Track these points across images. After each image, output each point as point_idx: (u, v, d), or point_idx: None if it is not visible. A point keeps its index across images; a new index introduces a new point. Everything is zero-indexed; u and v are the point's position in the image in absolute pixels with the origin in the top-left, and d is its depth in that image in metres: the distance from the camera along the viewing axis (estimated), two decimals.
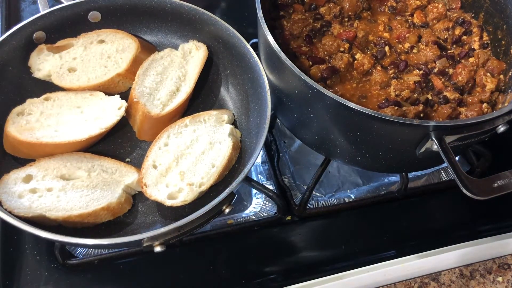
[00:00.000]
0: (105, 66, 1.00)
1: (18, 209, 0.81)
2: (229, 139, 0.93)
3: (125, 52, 1.02)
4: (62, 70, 0.99)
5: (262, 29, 0.89)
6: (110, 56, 1.01)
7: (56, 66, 0.99)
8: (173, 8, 1.04)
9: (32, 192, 0.84)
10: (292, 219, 1.03)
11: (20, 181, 0.85)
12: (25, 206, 0.82)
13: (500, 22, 1.02)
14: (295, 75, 0.82)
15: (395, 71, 0.98)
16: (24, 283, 0.90)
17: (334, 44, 0.99)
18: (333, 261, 0.98)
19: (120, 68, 1.00)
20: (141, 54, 1.02)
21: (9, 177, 0.85)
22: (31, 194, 0.84)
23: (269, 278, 0.95)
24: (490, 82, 0.96)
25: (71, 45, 1.02)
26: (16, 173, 0.86)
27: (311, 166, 1.13)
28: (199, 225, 0.80)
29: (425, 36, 1.04)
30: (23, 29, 0.96)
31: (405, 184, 1.06)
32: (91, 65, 1.01)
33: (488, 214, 1.07)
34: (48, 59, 0.99)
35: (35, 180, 0.86)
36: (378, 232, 1.03)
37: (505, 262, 1.00)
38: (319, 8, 1.07)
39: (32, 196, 0.84)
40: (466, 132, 0.79)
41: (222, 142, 0.93)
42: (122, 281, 0.92)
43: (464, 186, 0.76)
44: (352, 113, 0.79)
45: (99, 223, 0.86)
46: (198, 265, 0.95)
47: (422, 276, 0.97)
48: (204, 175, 0.88)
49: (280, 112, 1.03)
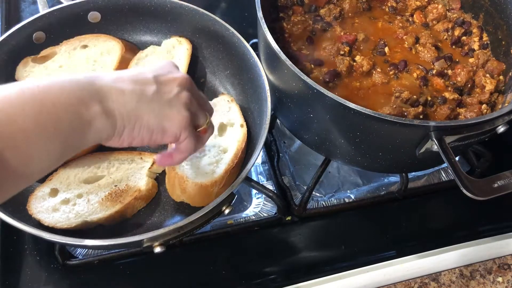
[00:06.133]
0: (93, 70, 0.99)
1: (59, 222, 0.81)
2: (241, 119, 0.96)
3: (110, 54, 1.01)
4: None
5: (262, 30, 0.89)
6: (96, 60, 1.00)
7: (43, 76, 0.97)
8: (173, 8, 1.04)
9: (64, 204, 0.85)
10: (292, 220, 1.03)
11: (48, 197, 0.85)
12: (65, 218, 0.82)
13: (500, 23, 1.02)
14: (295, 75, 0.82)
15: (395, 71, 0.98)
16: (24, 283, 0.89)
17: (334, 47, 0.99)
18: (333, 261, 0.98)
19: (108, 69, 0.99)
20: (126, 54, 1.02)
21: (36, 195, 0.85)
22: (64, 205, 0.84)
23: (269, 278, 0.95)
24: (489, 83, 0.96)
25: (55, 53, 1.01)
26: (40, 190, 0.86)
27: (311, 166, 1.13)
28: (199, 226, 0.80)
29: (423, 37, 1.04)
30: (23, 29, 0.96)
31: (405, 184, 1.06)
32: (79, 70, 1.00)
33: (488, 214, 1.07)
34: (34, 70, 0.98)
35: (61, 191, 0.86)
36: (378, 232, 1.03)
37: (505, 262, 1.00)
38: (319, 10, 1.07)
39: (66, 207, 0.84)
40: (466, 133, 0.79)
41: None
42: (122, 281, 0.92)
43: (464, 186, 0.76)
44: (352, 113, 0.79)
45: (135, 213, 0.88)
46: (198, 265, 0.95)
47: (422, 276, 0.97)
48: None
49: (280, 112, 1.03)
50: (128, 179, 0.89)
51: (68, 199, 0.85)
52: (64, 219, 0.82)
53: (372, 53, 1.01)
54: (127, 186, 0.88)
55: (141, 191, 0.87)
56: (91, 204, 0.85)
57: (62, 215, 0.83)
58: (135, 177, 0.89)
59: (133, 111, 0.63)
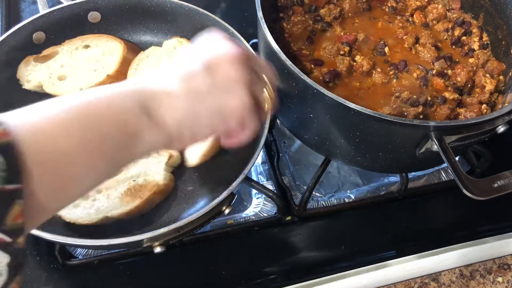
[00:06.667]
0: (95, 70, 1.00)
1: (81, 218, 0.81)
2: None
3: (112, 54, 1.01)
4: (52, 79, 0.98)
5: (262, 30, 0.89)
6: (98, 60, 1.01)
7: (45, 75, 0.98)
8: (173, 8, 1.04)
9: (84, 199, 0.84)
10: (292, 220, 1.03)
11: None
12: (86, 214, 0.82)
13: (500, 23, 1.02)
14: (295, 75, 0.82)
15: (395, 71, 0.98)
16: (23, 283, 0.89)
17: (334, 47, 0.99)
18: (333, 261, 0.98)
19: (110, 69, 0.99)
20: (128, 55, 1.02)
21: None
22: (84, 201, 0.84)
23: (269, 279, 0.95)
24: (489, 83, 0.96)
25: (57, 53, 1.01)
26: None
27: (311, 166, 1.13)
28: (199, 226, 0.80)
29: (423, 37, 1.04)
30: (23, 29, 0.96)
31: (405, 184, 1.06)
32: (80, 70, 1.00)
33: (488, 214, 1.07)
34: (35, 70, 0.98)
35: None
36: (378, 232, 1.03)
37: (505, 262, 1.00)
38: (319, 10, 1.07)
39: (86, 203, 0.84)
40: (466, 132, 0.79)
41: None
42: (122, 281, 0.92)
43: (464, 186, 0.76)
44: (352, 113, 0.79)
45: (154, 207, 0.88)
46: (198, 265, 0.95)
47: (422, 276, 0.97)
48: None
49: (280, 112, 1.03)
50: (146, 174, 0.88)
51: (88, 195, 0.84)
52: (85, 215, 0.82)
53: (372, 53, 1.01)
54: (146, 181, 0.87)
55: (159, 185, 0.87)
56: (111, 200, 0.84)
57: (83, 211, 0.82)
58: (153, 172, 0.89)
59: (188, 113, 0.57)
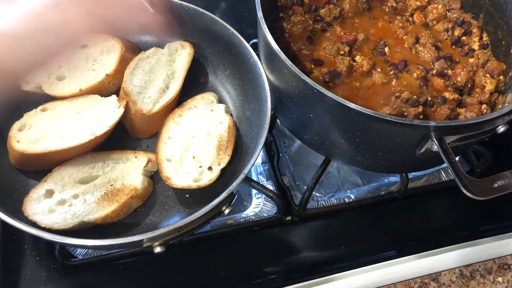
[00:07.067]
0: (93, 69, 1.00)
1: (56, 224, 0.81)
2: (227, 116, 0.98)
3: (110, 53, 1.01)
4: (51, 79, 0.98)
5: (262, 30, 0.89)
6: (96, 59, 1.00)
7: (43, 76, 0.98)
8: (173, 8, 1.04)
9: (60, 204, 0.84)
10: (292, 220, 1.03)
11: (43, 198, 0.84)
12: (61, 219, 0.82)
13: (500, 23, 1.02)
14: (295, 75, 0.82)
15: (395, 71, 0.98)
16: (24, 283, 0.90)
17: (334, 47, 0.99)
18: (333, 261, 0.98)
19: (108, 69, 0.99)
20: (126, 54, 1.02)
21: (31, 197, 0.84)
22: (60, 206, 0.84)
23: (269, 279, 0.95)
24: (489, 83, 0.96)
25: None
26: (35, 192, 0.85)
27: (311, 166, 1.13)
28: (199, 226, 0.80)
29: (423, 37, 1.04)
30: None
31: (405, 184, 1.06)
32: (79, 70, 0.99)
33: (488, 214, 1.07)
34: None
35: (57, 192, 0.85)
36: (378, 232, 1.03)
37: (505, 262, 1.00)
38: (319, 10, 1.07)
39: (62, 208, 0.84)
40: (466, 133, 0.79)
41: (223, 121, 0.97)
42: (122, 281, 0.93)
43: (464, 186, 0.76)
44: (352, 113, 0.79)
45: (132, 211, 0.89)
46: (198, 265, 0.95)
47: (422, 276, 0.97)
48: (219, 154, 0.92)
49: (280, 112, 1.03)
50: (124, 178, 0.89)
51: (64, 200, 0.85)
52: (61, 220, 0.82)
53: (372, 53, 1.01)
54: (123, 185, 0.87)
55: (137, 190, 0.87)
56: (87, 204, 0.84)
57: (59, 216, 0.82)
58: (131, 176, 0.89)
59: None
